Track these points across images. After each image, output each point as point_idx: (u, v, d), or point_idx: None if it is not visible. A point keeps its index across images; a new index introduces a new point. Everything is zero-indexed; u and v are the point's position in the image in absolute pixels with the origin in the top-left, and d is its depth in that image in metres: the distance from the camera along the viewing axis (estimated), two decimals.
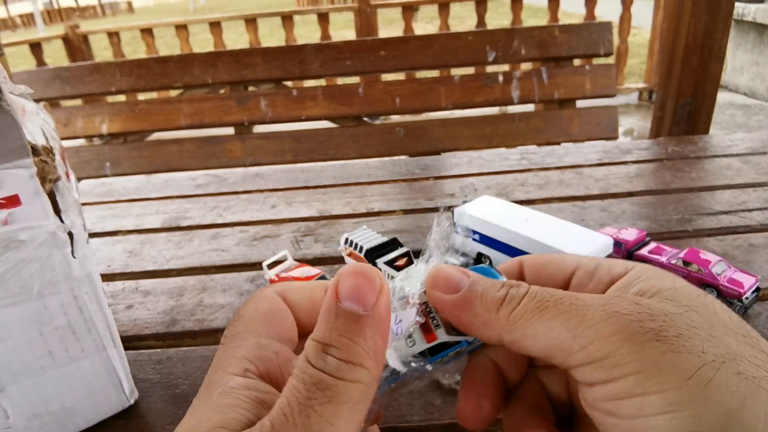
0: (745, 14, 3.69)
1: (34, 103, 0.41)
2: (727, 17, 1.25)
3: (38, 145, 0.36)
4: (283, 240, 0.76)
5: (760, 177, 0.86)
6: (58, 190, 0.37)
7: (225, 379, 0.22)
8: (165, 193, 0.96)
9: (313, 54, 1.41)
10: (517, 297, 0.23)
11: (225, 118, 1.44)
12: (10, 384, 0.38)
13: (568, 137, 1.43)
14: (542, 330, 0.21)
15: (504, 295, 0.23)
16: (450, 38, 1.43)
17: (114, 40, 3.42)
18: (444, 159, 1.08)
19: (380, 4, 3.27)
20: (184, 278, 0.68)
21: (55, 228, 0.36)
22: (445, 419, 0.43)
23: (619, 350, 0.19)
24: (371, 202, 0.86)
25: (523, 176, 0.93)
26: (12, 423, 0.39)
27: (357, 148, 1.44)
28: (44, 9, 19.03)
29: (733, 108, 3.67)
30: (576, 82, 1.42)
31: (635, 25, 4.04)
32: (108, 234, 0.82)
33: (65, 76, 1.43)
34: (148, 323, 0.59)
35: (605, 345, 0.20)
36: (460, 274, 0.24)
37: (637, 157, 0.98)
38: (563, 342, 0.21)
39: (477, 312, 0.23)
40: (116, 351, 0.43)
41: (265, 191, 0.94)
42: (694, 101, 1.34)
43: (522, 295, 0.23)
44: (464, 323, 0.24)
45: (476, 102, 1.44)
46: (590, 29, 1.42)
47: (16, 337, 0.37)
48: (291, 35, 3.31)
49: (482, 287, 0.24)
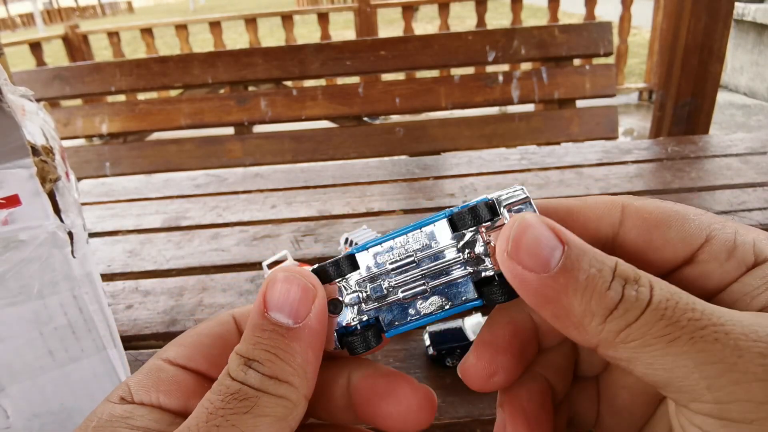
0: (745, 14, 3.69)
1: (34, 103, 0.41)
2: (727, 17, 1.25)
3: (38, 145, 0.36)
4: (283, 240, 0.76)
5: (760, 177, 0.86)
6: (58, 190, 0.37)
7: (102, 408, 0.19)
8: (165, 193, 0.96)
9: (313, 54, 1.41)
10: (636, 307, 0.16)
11: (225, 118, 1.44)
12: (10, 384, 0.38)
13: (568, 137, 1.43)
14: (664, 364, 0.16)
15: (618, 298, 0.16)
16: (450, 38, 1.43)
17: (114, 40, 3.42)
18: (444, 159, 1.08)
19: (380, 4, 3.27)
20: (184, 278, 0.68)
21: (55, 228, 0.36)
22: (445, 419, 0.43)
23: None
24: (371, 202, 0.86)
25: (523, 176, 0.92)
26: (12, 423, 0.39)
27: (357, 148, 1.44)
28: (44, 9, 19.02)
29: (733, 108, 3.67)
30: (576, 82, 1.42)
31: (635, 25, 4.04)
32: (108, 234, 0.82)
33: (65, 76, 1.43)
34: (148, 323, 0.59)
35: (753, 410, 0.15)
36: (553, 237, 0.17)
37: (637, 157, 0.98)
38: (691, 385, 0.15)
39: (571, 309, 0.17)
40: (116, 351, 0.43)
41: (265, 191, 0.94)
42: (694, 101, 1.34)
43: (644, 305, 0.16)
44: (548, 314, 0.17)
45: (476, 102, 1.44)
46: (590, 29, 1.42)
47: (16, 337, 0.37)
48: (291, 35, 3.31)
49: (585, 271, 0.16)
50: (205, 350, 0.22)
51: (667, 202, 0.20)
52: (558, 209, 0.20)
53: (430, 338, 0.52)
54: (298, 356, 0.18)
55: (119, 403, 0.20)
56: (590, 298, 0.16)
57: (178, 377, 0.21)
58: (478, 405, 0.45)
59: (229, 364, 0.19)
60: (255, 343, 0.19)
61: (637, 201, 0.20)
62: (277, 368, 0.18)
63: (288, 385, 0.18)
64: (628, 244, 0.20)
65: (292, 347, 0.18)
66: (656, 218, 0.19)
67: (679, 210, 0.19)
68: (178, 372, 0.21)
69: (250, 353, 0.18)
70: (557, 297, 0.17)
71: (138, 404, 0.20)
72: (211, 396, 0.18)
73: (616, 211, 0.20)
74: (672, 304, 0.16)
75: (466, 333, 0.51)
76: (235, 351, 0.19)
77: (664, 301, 0.16)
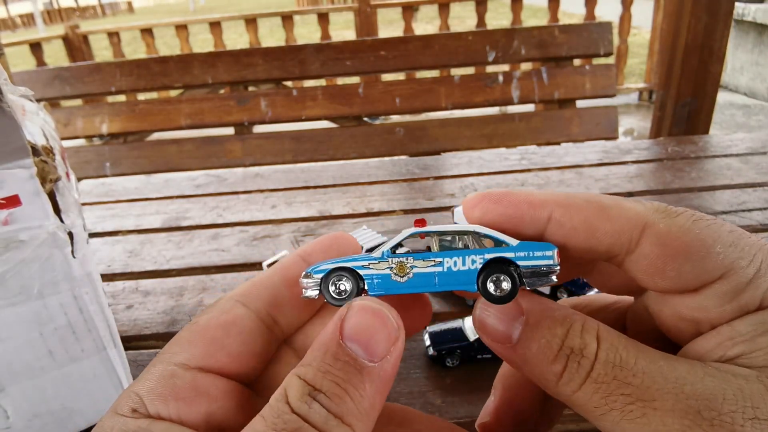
0: (745, 14, 3.69)
1: (34, 103, 0.41)
2: (727, 17, 1.25)
3: (38, 145, 0.36)
4: (283, 240, 0.76)
5: (760, 177, 0.86)
6: (58, 190, 0.37)
7: (111, 422, 0.18)
8: (165, 193, 0.96)
9: (313, 54, 1.41)
10: (577, 378, 0.18)
11: (225, 118, 1.44)
12: (11, 384, 0.38)
13: (568, 137, 1.43)
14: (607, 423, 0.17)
15: (561, 370, 0.18)
16: (450, 38, 1.43)
17: (114, 40, 3.42)
18: (444, 159, 1.08)
19: (380, 4, 3.27)
20: (184, 278, 0.68)
21: (55, 228, 0.36)
22: (445, 419, 0.43)
23: None
24: (371, 202, 0.86)
25: (523, 176, 0.92)
26: (12, 423, 0.39)
27: (357, 148, 1.44)
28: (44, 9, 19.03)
29: (733, 108, 3.67)
30: (576, 82, 1.42)
31: (635, 25, 4.04)
32: (108, 234, 0.82)
33: (65, 76, 1.43)
34: (148, 323, 0.59)
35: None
36: (507, 322, 0.19)
37: (637, 157, 0.98)
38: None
39: (533, 373, 0.19)
40: (116, 351, 0.43)
41: (265, 191, 0.94)
42: (694, 101, 1.34)
43: (583, 377, 0.18)
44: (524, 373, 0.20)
45: (476, 102, 1.44)
46: (590, 29, 1.42)
47: (16, 337, 0.37)
48: (291, 35, 3.31)
49: (537, 342, 0.19)
50: (221, 344, 0.20)
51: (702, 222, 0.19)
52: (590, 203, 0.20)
53: (430, 338, 0.52)
54: (366, 399, 0.17)
55: (131, 417, 0.17)
56: (540, 368, 0.18)
57: (197, 382, 0.19)
58: (478, 405, 0.45)
59: (289, 389, 0.17)
60: (326, 371, 0.17)
61: (663, 223, 0.19)
62: (345, 408, 0.16)
63: (350, 429, 0.16)
64: (639, 267, 0.19)
65: (364, 387, 0.17)
66: (675, 249, 0.18)
67: (707, 239, 0.18)
68: (196, 376, 0.19)
69: (318, 382, 0.16)
70: (521, 365, 0.19)
71: (155, 418, 0.18)
72: (262, 427, 0.16)
73: (636, 231, 0.19)
74: (609, 378, 0.17)
75: (466, 333, 0.51)
76: (298, 375, 0.17)
77: (602, 374, 0.17)
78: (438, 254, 0.20)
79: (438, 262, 0.20)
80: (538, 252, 0.20)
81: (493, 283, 0.20)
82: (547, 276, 0.19)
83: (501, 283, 0.20)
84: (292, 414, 0.16)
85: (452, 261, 0.20)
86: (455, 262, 0.20)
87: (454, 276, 0.20)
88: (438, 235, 0.21)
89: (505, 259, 0.20)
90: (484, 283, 0.20)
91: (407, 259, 0.20)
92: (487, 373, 0.48)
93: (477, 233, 0.21)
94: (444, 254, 0.20)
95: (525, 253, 0.20)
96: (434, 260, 0.20)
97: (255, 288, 0.22)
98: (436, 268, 0.20)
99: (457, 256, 0.20)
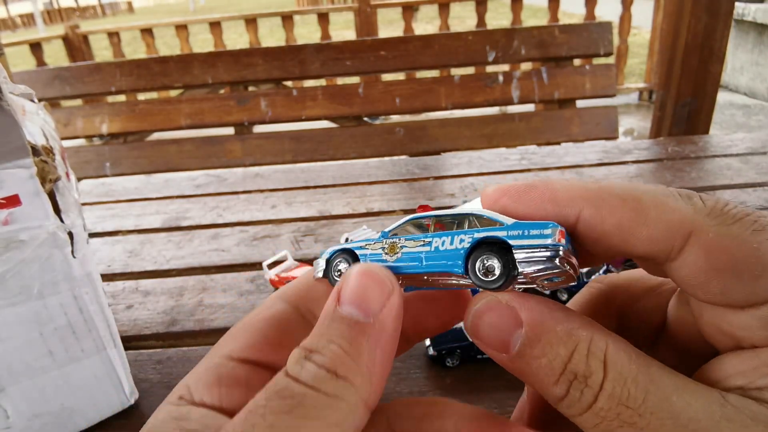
0: (745, 14, 3.69)
1: (34, 103, 0.41)
2: (727, 17, 1.25)
3: (38, 145, 0.36)
4: (283, 240, 0.76)
5: (760, 177, 0.86)
6: (58, 190, 0.37)
7: (159, 409, 0.19)
8: (165, 193, 0.96)
9: (313, 54, 1.41)
10: (578, 407, 0.16)
11: (225, 118, 1.44)
12: (11, 384, 0.38)
13: (568, 137, 1.43)
14: None
15: (562, 395, 0.17)
16: (450, 38, 1.43)
17: (114, 40, 3.42)
18: (444, 159, 1.08)
19: (380, 4, 3.27)
20: (184, 278, 0.68)
21: (55, 228, 0.36)
22: None
23: None
24: (371, 202, 0.86)
25: (523, 176, 0.93)
26: (12, 423, 0.39)
27: (357, 148, 1.44)
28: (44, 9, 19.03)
29: (733, 108, 3.67)
30: (576, 82, 1.42)
31: (635, 25, 4.04)
32: (108, 234, 0.82)
33: (65, 76, 1.43)
34: (148, 323, 0.59)
35: None
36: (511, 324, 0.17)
37: (637, 157, 0.98)
38: None
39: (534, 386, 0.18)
40: (116, 351, 0.43)
41: (265, 191, 0.94)
42: (694, 101, 1.34)
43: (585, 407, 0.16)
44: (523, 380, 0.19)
45: (476, 102, 1.44)
46: (590, 29, 1.42)
47: (16, 337, 0.37)
48: (291, 35, 3.31)
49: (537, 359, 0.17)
50: (263, 337, 0.20)
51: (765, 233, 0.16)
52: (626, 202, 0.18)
53: (430, 338, 0.52)
54: (364, 353, 0.16)
55: (176, 404, 0.18)
56: (540, 386, 0.17)
57: (237, 371, 0.19)
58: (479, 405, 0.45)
59: (289, 358, 0.17)
60: (320, 334, 0.17)
61: (714, 231, 0.16)
62: (337, 361, 0.16)
63: (346, 383, 0.16)
64: (680, 274, 0.17)
65: (359, 341, 0.17)
66: (724, 264, 0.16)
67: (766, 255, 0.16)
68: (237, 366, 0.20)
69: (313, 344, 0.17)
70: (519, 375, 0.18)
71: (198, 404, 0.18)
72: (258, 393, 0.16)
73: (679, 239, 0.17)
74: (612, 415, 0.16)
75: (466, 333, 0.51)
76: (300, 344, 0.17)
77: (605, 409, 0.16)
78: (428, 235, 0.20)
79: (427, 242, 0.20)
80: (534, 230, 0.18)
81: (481, 265, 0.18)
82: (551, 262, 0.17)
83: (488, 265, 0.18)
84: (285, 377, 0.16)
85: (440, 241, 0.19)
86: (443, 242, 0.19)
87: (441, 255, 0.19)
88: (437, 219, 0.21)
89: (498, 240, 0.18)
90: (473, 267, 0.18)
91: (400, 239, 0.20)
92: (487, 373, 0.48)
93: (476, 215, 0.20)
94: (434, 235, 0.20)
95: (519, 232, 0.18)
96: (423, 240, 0.20)
97: (295, 285, 0.23)
98: (424, 248, 0.20)
99: (446, 236, 0.19)
